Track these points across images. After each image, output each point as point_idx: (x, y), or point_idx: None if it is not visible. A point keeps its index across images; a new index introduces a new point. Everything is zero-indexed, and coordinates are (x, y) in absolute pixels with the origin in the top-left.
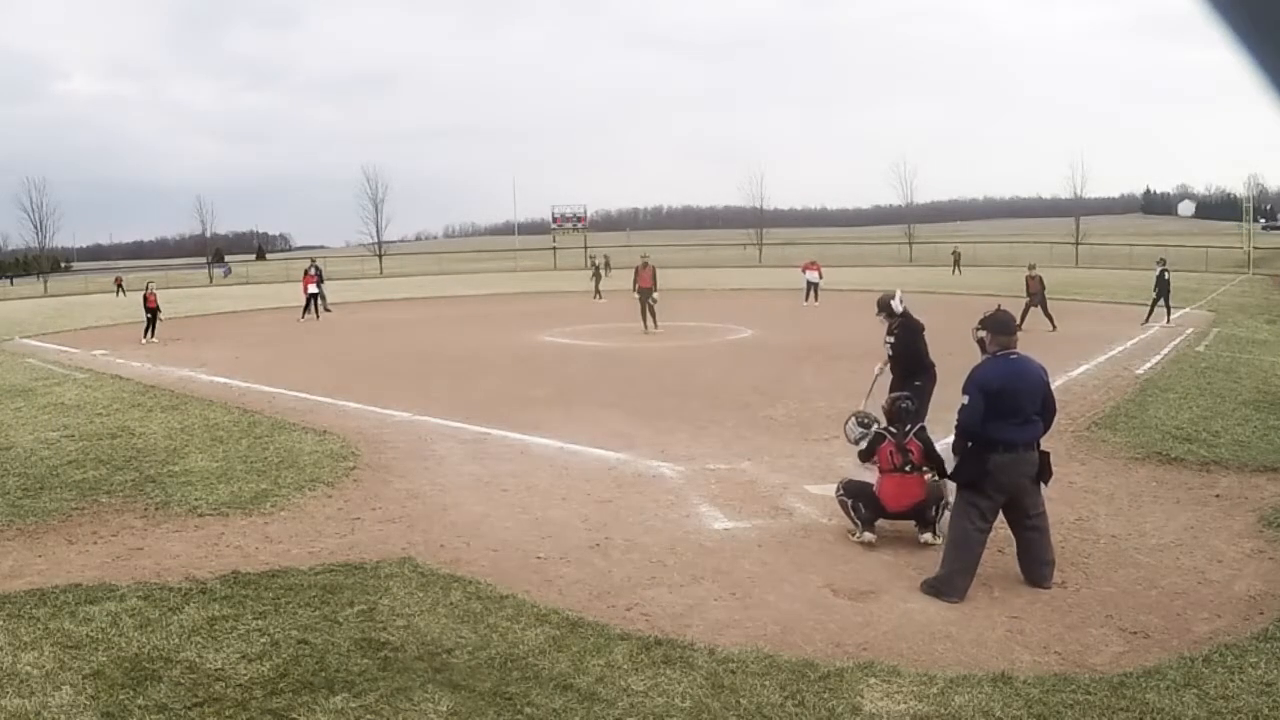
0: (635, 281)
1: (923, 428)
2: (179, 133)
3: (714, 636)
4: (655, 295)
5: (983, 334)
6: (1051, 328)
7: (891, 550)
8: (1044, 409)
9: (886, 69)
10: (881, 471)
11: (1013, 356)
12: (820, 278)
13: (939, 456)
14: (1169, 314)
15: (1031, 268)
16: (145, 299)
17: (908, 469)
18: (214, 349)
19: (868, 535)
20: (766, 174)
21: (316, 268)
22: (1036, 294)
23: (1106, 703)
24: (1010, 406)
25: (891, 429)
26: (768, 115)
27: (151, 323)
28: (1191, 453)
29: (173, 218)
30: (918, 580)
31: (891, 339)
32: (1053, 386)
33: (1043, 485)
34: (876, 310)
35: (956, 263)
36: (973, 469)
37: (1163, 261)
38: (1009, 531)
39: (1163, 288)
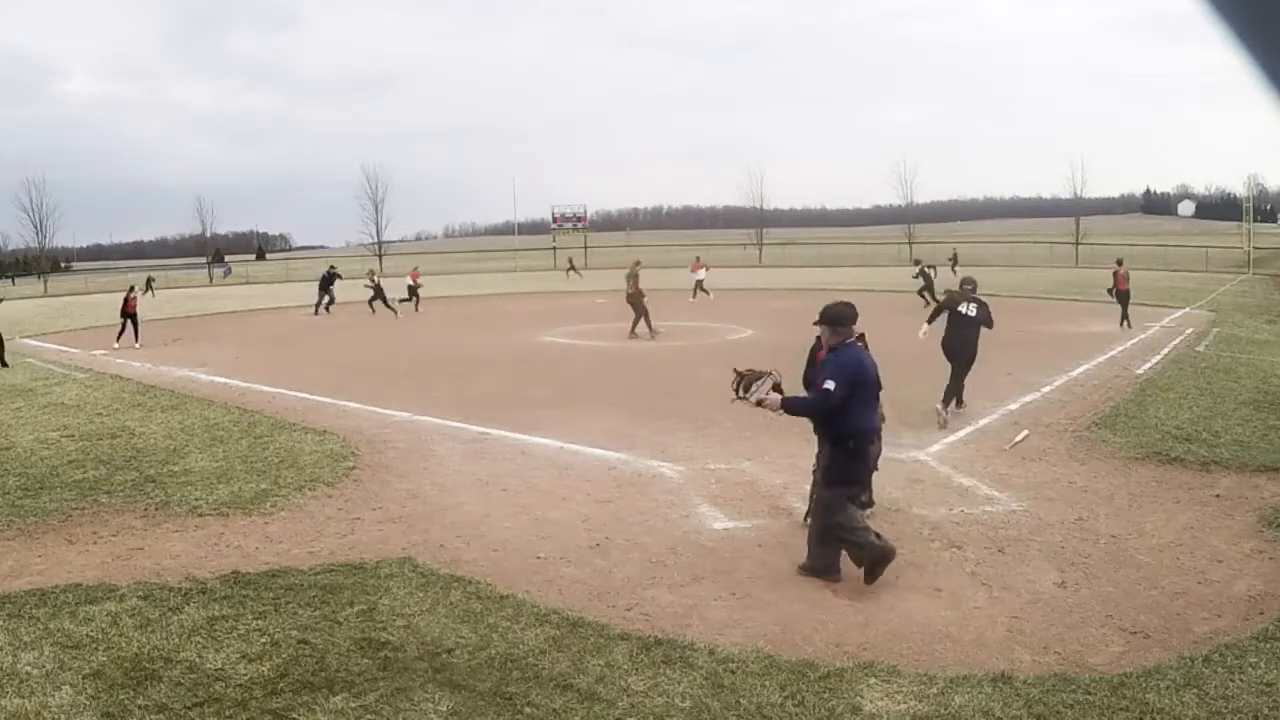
0: (631, 288)
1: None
2: (179, 133)
3: (714, 636)
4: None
5: (823, 327)
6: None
7: None
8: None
9: (886, 69)
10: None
11: (859, 344)
12: (705, 274)
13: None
14: (927, 300)
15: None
16: (126, 302)
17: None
18: (214, 349)
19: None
20: (766, 174)
21: (336, 273)
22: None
23: (1106, 703)
24: (867, 394)
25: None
26: (768, 115)
27: (128, 326)
28: (1191, 453)
29: (173, 218)
30: (918, 580)
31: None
32: (1053, 386)
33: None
34: (963, 285)
35: (955, 264)
36: (856, 470)
37: (919, 261)
38: (1010, 532)
39: (926, 281)
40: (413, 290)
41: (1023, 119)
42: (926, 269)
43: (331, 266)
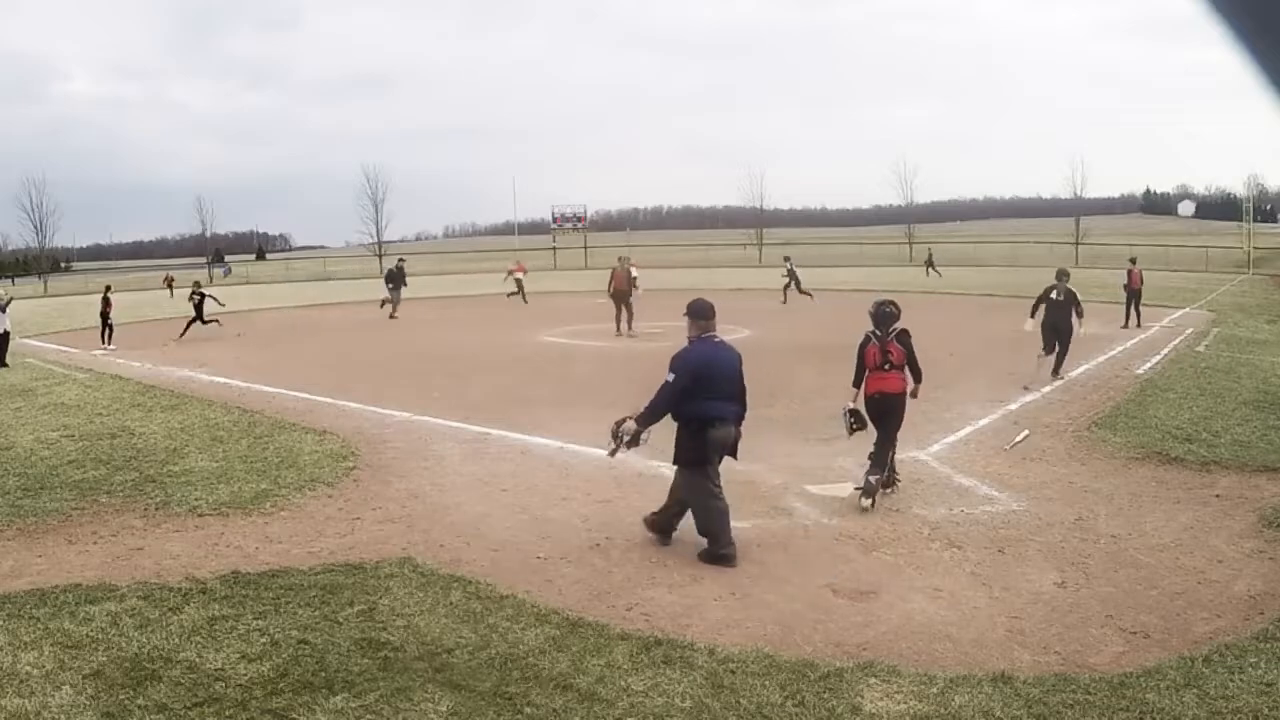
0: (610, 283)
1: (905, 332)
2: (179, 133)
3: (714, 636)
4: (634, 296)
5: (687, 319)
6: None
7: (891, 550)
8: (739, 392)
9: (886, 69)
10: (867, 369)
11: (716, 339)
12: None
13: (918, 365)
14: (785, 296)
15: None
16: (106, 300)
17: (887, 367)
18: (214, 349)
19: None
20: (766, 174)
21: (399, 268)
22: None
23: (1106, 703)
24: (715, 385)
25: (877, 331)
26: (768, 115)
27: (108, 327)
28: (1191, 453)
29: (173, 218)
30: (918, 580)
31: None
32: (1053, 386)
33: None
34: (1056, 278)
35: (929, 264)
36: (697, 449)
37: (788, 259)
38: (1010, 532)
39: (794, 279)
40: (519, 283)
41: (1023, 119)
42: (794, 267)
43: (400, 259)
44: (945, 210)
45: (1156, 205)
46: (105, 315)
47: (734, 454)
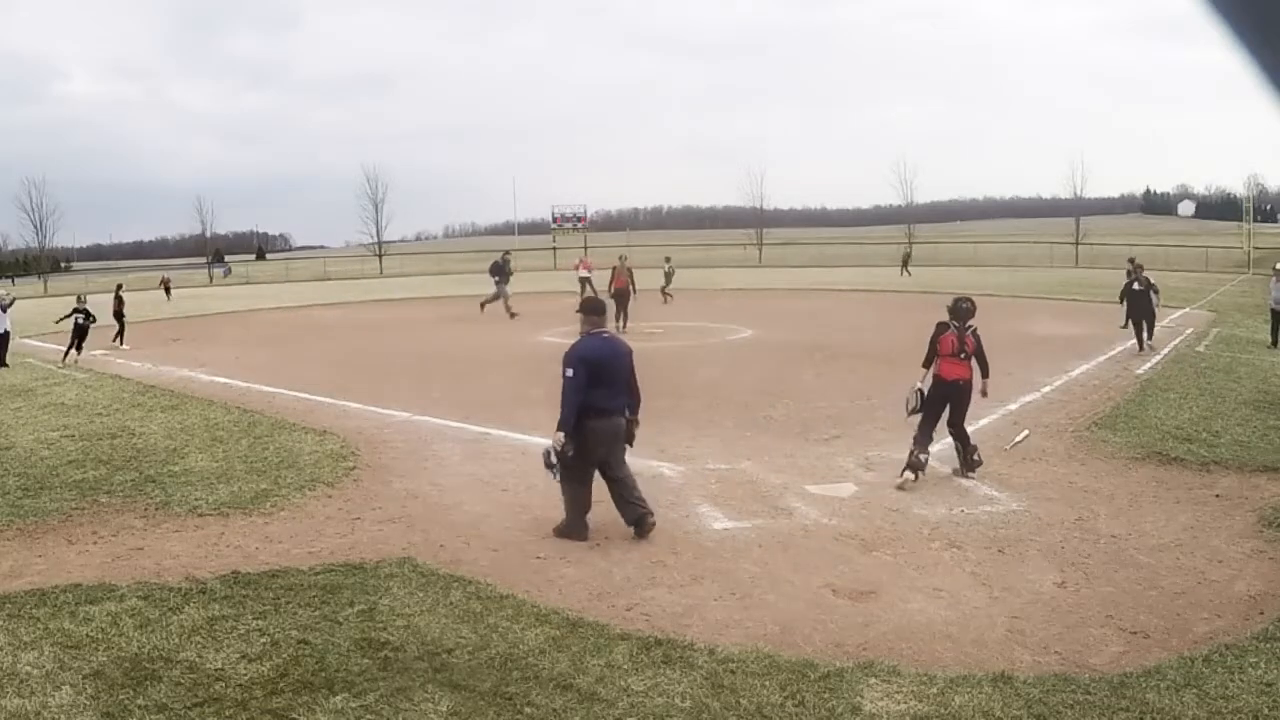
0: (611, 283)
1: (976, 328)
2: (179, 133)
3: (714, 636)
4: (634, 296)
5: (581, 315)
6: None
7: (891, 550)
8: (631, 385)
9: (886, 69)
10: (940, 355)
11: (605, 335)
12: (589, 273)
13: (986, 358)
14: (665, 297)
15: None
16: (118, 300)
17: (962, 356)
18: (214, 349)
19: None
20: (766, 174)
21: (505, 260)
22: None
23: (1106, 703)
24: (605, 377)
25: (955, 323)
26: (768, 115)
27: (122, 326)
28: (1191, 453)
29: (173, 218)
30: (918, 580)
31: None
32: (1053, 386)
33: (628, 446)
34: (1131, 267)
35: (907, 263)
36: (581, 438)
37: (669, 259)
38: (1010, 532)
39: (668, 280)
40: (587, 282)
41: (1023, 119)
42: (672, 269)
43: (506, 252)
44: (945, 210)
45: (1156, 205)
46: (119, 315)
47: (630, 442)
